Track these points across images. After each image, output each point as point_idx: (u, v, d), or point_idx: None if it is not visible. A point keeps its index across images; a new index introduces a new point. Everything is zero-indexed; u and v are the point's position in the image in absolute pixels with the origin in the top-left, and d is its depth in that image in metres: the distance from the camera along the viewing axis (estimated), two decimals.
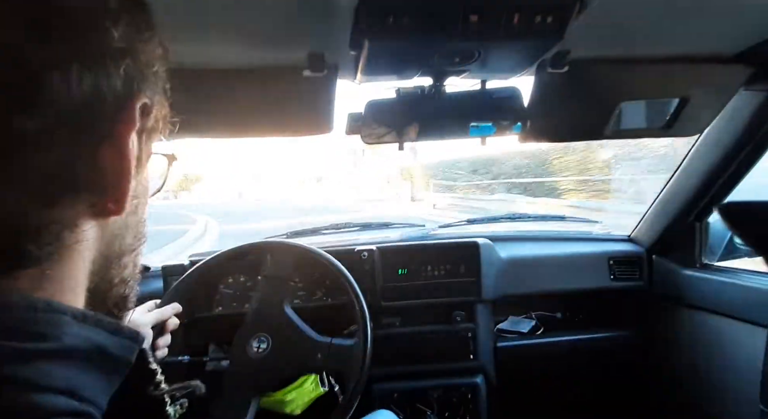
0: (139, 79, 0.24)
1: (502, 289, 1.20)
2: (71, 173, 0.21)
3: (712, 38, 0.69)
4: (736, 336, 0.98)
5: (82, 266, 0.24)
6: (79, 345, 0.22)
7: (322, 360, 0.88)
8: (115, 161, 0.23)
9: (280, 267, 0.98)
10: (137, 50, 0.23)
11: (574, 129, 0.86)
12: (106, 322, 0.24)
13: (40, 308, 0.21)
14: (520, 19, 0.54)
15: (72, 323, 0.22)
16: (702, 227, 1.11)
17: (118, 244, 0.27)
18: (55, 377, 0.20)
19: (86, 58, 0.21)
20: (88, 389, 0.22)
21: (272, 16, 0.57)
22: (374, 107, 0.73)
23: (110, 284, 0.27)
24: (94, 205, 0.23)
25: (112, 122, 0.23)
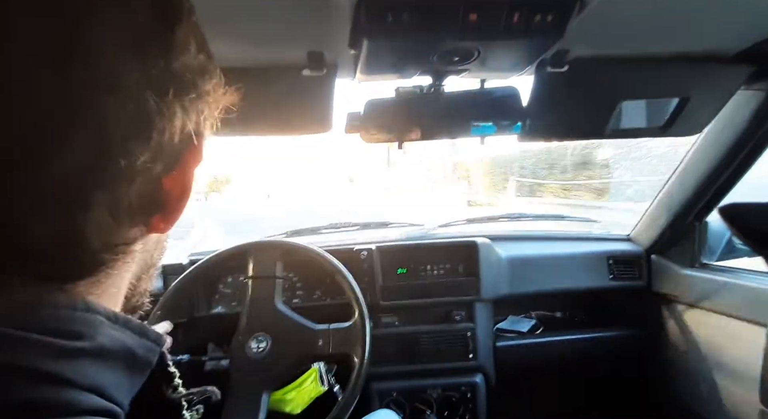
0: (207, 118, 0.27)
1: (502, 288, 1.20)
2: (145, 201, 0.24)
3: (712, 37, 0.69)
4: (736, 335, 0.99)
5: (126, 277, 0.27)
6: (110, 346, 0.23)
7: (323, 345, 0.89)
8: (177, 187, 0.26)
9: (264, 267, 0.98)
10: (212, 98, 0.27)
11: (574, 128, 0.86)
12: (134, 324, 0.25)
13: (79, 307, 0.22)
14: (519, 17, 0.53)
15: (105, 323, 0.23)
16: (701, 227, 1.11)
17: (151, 257, 0.30)
18: (88, 375, 0.22)
19: (184, 108, 0.24)
20: (114, 388, 0.23)
21: (271, 15, 0.56)
22: (373, 105, 0.73)
23: (137, 295, 0.30)
24: (148, 224, 0.26)
25: (181, 155, 0.26)
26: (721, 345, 1.02)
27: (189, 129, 0.25)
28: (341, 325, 0.92)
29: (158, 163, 0.23)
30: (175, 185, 0.26)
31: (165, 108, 0.23)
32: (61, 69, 0.19)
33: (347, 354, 0.89)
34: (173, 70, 0.23)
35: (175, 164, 0.25)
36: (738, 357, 0.98)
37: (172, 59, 0.23)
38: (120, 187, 0.22)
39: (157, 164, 0.23)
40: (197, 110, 0.25)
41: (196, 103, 0.25)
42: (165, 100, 0.23)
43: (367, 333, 0.90)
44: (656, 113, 0.84)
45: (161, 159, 0.24)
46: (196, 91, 0.25)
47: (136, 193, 0.23)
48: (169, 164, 0.25)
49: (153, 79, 0.22)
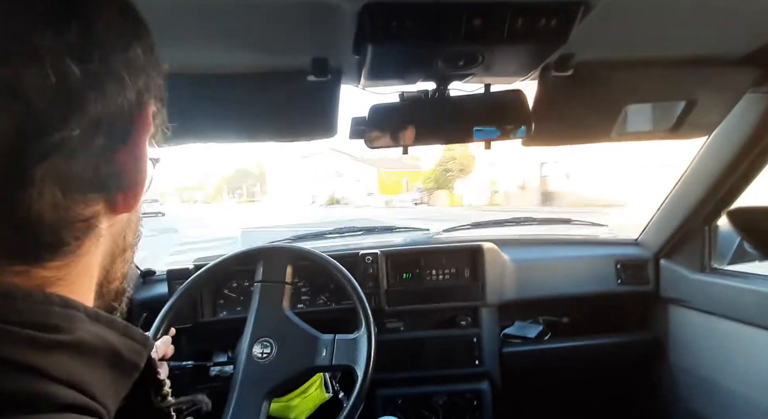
0: (149, 88, 0.26)
1: (508, 293, 1.19)
2: (97, 174, 0.24)
3: (719, 40, 0.69)
4: (746, 341, 0.97)
5: (95, 260, 0.26)
6: (92, 342, 0.23)
7: (328, 356, 0.88)
8: (131, 162, 0.26)
9: (274, 272, 0.98)
10: (147, 63, 0.26)
11: (580, 132, 0.86)
12: (117, 323, 0.25)
13: (56, 302, 0.22)
14: (523, 22, 0.54)
15: (85, 320, 0.23)
16: (711, 231, 1.09)
17: (122, 240, 0.29)
18: (68, 369, 0.21)
19: (117, 76, 0.23)
20: (97, 387, 0.22)
21: (276, 21, 0.57)
22: (378, 111, 0.73)
23: (113, 278, 0.29)
24: (111, 203, 0.25)
25: (129, 128, 0.25)
26: (732, 351, 1.01)
27: (129, 99, 0.24)
28: (347, 336, 0.90)
29: (98, 136, 0.23)
30: (129, 159, 0.25)
31: (91, 77, 0.22)
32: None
33: (349, 366, 0.88)
34: (93, 35, 0.22)
35: (123, 137, 0.25)
36: (749, 364, 0.96)
37: (90, 23, 0.22)
38: (61, 162, 0.22)
39: (97, 136, 0.23)
40: (134, 76, 0.25)
41: (131, 72, 0.24)
42: (90, 66, 0.22)
43: (372, 346, 0.88)
44: (663, 116, 0.83)
45: (102, 131, 0.23)
46: (126, 57, 0.24)
47: (81, 167, 0.23)
48: (115, 136, 0.24)
49: (72, 45, 0.21)
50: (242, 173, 49.13)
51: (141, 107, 0.26)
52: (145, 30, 0.27)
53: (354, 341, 0.89)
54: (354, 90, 0.79)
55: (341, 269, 0.96)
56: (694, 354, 1.12)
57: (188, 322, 1.10)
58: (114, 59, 0.23)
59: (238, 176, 49.50)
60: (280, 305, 0.94)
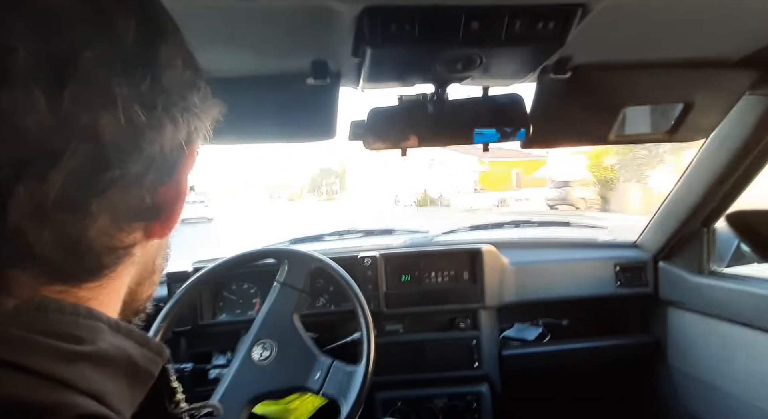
0: (198, 131, 0.29)
1: (507, 296, 1.19)
2: (143, 206, 0.26)
3: (717, 42, 0.69)
4: (745, 343, 0.97)
5: (126, 282, 0.28)
6: (112, 353, 0.24)
7: (320, 381, 0.86)
8: (173, 195, 0.28)
9: (296, 277, 0.97)
10: (201, 111, 0.29)
11: (578, 135, 0.86)
12: (137, 334, 0.26)
13: (82, 313, 0.23)
14: (521, 25, 0.54)
15: (107, 331, 0.24)
16: (709, 233, 1.09)
17: (152, 263, 0.31)
18: (88, 379, 0.22)
19: (173, 121, 0.26)
20: (114, 396, 0.23)
21: (275, 24, 0.57)
22: (377, 113, 0.74)
23: (138, 300, 0.31)
24: (148, 230, 0.27)
25: (176, 165, 0.27)
26: (731, 354, 1.00)
27: (180, 140, 0.26)
28: (345, 367, 0.88)
29: (151, 172, 0.25)
30: (170, 192, 0.27)
31: (154, 121, 0.24)
32: (56, 89, 0.21)
33: (337, 400, 0.85)
34: (160, 85, 0.25)
35: (170, 173, 0.27)
36: (748, 366, 0.96)
37: (159, 76, 0.25)
38: (116, 195, 0.24)
39: (150, 172, 0.25)
40: (187, 121, 0.27)
41: (185, 115, 0.27)
42: (153, 113, 0.24)
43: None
44: (661, 119, 0.84)
45: (154, 168, 0.25)
46: (184, 104, 0.27)
47: (132, 200, 0.25)
48: (164, 172, 0.26)
49: (141, 94, 0.23)
50: (325, 172, 49.53)
51: (189, 145, 0.28)
52: (202, 80, 0.29)
53: (350, 374, 0.86)
54: (353, 93, 0.80)
55: (356, 291, 0.94)
56: (693, 357, 1.12)
57: (188, 325, 1.10)
58: (174, 105, 0.26)
59: (321, 174, 50.01)
60: (291, 312, 0.93)
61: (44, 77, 0.21)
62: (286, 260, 0.99)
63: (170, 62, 0.26)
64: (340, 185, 41.75)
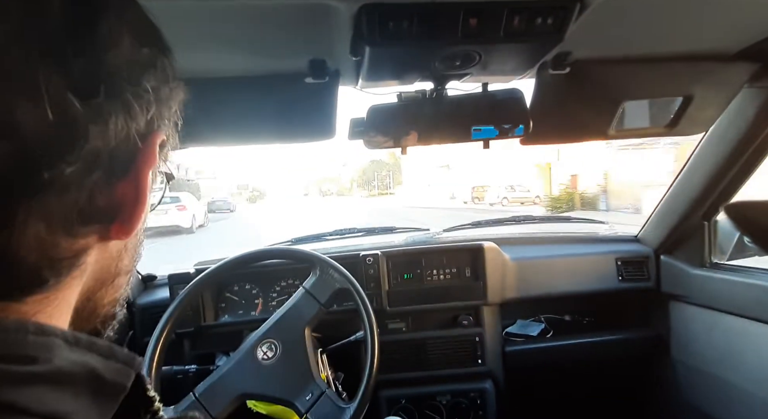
0: (158, 117, 0.25)
1: (509, 292, 1.19)
2: (92, 207, 0.23)
3: (715, 36, 0.69)
4: (748, 335, 0.97)
5: (77, 289, 0.25)
6: (71, 369, 0.21)
7: (307, 405, 0.83)
8: (131, 193, 0.24)
9: (322, 290, 0.94)
10: (159, 92, 0.25)
11: (577, 130, 0.86)
12: (100, 345, 0.23)
13: (30, 330, 0.20)
14: (520, 21, 0.54)
15: (63, 346, 0.21)
16: (710, 226, 1.09)
17: (115, 266, 0.27)
18: (45, 402, 0.20)
19: (123, 110, 0.22)
20: (79, 415, 0.21)
21: (273, 24, 0.57)
22: (376, 112, 0.74)
23: (99, 303, 0.28)
24: (103, 233, 0.24)
25: (131, 160, 0.24)
26: (733, 346, 1.01)
27: (133, 130, 0.23)
28: (337, 401, 0.84)
29: (96, 170, 0.22)
30: (129, 190, 0.24)
31: (95, 111, 0.21)
32: None
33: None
34: (102, 68, 0.21)
35: (126, 169, 0.24)
36: (751, 358, 0.96)
37: (99, 56, 0.21)
38: (49, 200, 0.20)
39: (95, 171, 0.22)
40: (144, 109, 0.23)
41: (141, 102, 0.23)
42: (94, 101, 0.21)
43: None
44: (660, 113, 0.84)
45: (100, 165, 0.22)
46: (139, 89, 0.23)
47: (73, 203, 0.21)
48: (117, 169, 0.23)
49: (75, 79, 0.20)
50: (376, 164, 46.69)
51: (148, 137, 0.25)
52: (164, 57, 0.26)
53: (339, 410, 0.83)
54: (352, 91, 0.80)
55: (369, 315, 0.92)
56: (696, 350, 1.12)
57: (190, 326, 1.10)
58: (123, 92, 0.22)
59: (372, 166, 47.24)
60: (306, 323, 0.91)
61: None
62: (319, 269, 0.96)
63: (114, 40, 0.22)
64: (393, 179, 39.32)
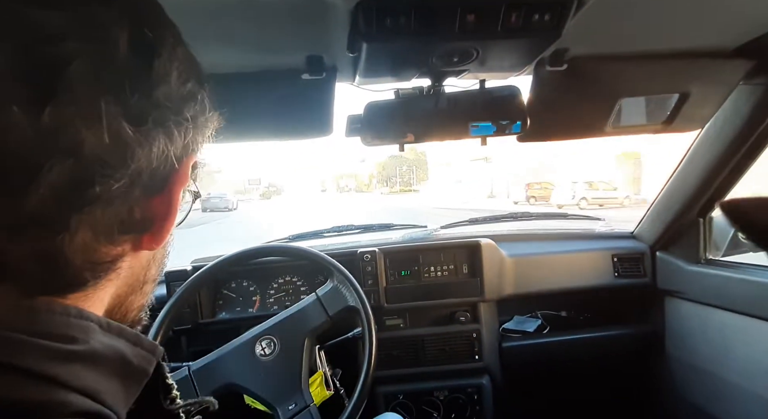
0: (193, 142, 0.28)
1: (506, 288, 1.20)
2: (130, 219, 0.25)
3: (711, 32, 0.69)
4: (743, 331, 0.98)
5: (111, 292, 0.28)
6: (104, 352, 0.24)
7: (291, 413, 0.82)
8: (163, 208, 0.27)
9: (335, 303, 0.92)
10: (197, 120, 0.28)
11: (574, 127, 0.86)
12: (128, 332, 0.26)
13: (72, 314, 0.24)
14: (517, 17, 0.54)
15: (98, 330, 0.24)
16: (705, 223, 1.10)
17: (144, 274, 0.30)
18: (81, 378, 0.22)
19: (165, 135, 0.25)
20: (108, 394, 0.24)
21: (270, 20, 0.57)
22: (373, 108, 0.73)
23: (129, 308, 0.30)
24: (136, 242, 0.27)
25: (167, 178, 0.27)
26: (728, 341, 1.02)
27: (172, 154, 0.26)
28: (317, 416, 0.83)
29: (138, 186, 0.24)
30: (161, 206, 0.27)
31: (143, 136, 0.23)
32: (37, 105, 0.20)
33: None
34: (152, 101, 0.24)
35: (162, 187, 0.27)
36: (745, 353, 0.97)
37: (151, 91, 0.24)
38: (97, 210, 0.23)
39: (137, 187, 0.24)
40: (182, 135, 0.26)
41: (181, 130, 0.26)
42: (143, 128, 0.23)
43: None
44: (657, 109, 0.84)
45: (141, 183, 0.24)
46: (180, 118, 0.26)
47: (116, 215, 0.24)
48: (154, 186, 0.26)
49: (130, 110, 0.23)
50: (396, 160, 45.12)
51: (183, 160, 0.27)
52: (203, 90, 0.29)
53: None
54: (349, 88, 0.79)
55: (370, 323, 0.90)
56: (691, 345, 1.13)
57: (188, 323, 1.10)
58: (167, 120, 0.25)
59: (391, 162, 45.63)
60: (308, 332, 0.91)
61: (25, 93, 0.20)
62: (336, 281, 0.94)
63: (164, 77, 0.25)
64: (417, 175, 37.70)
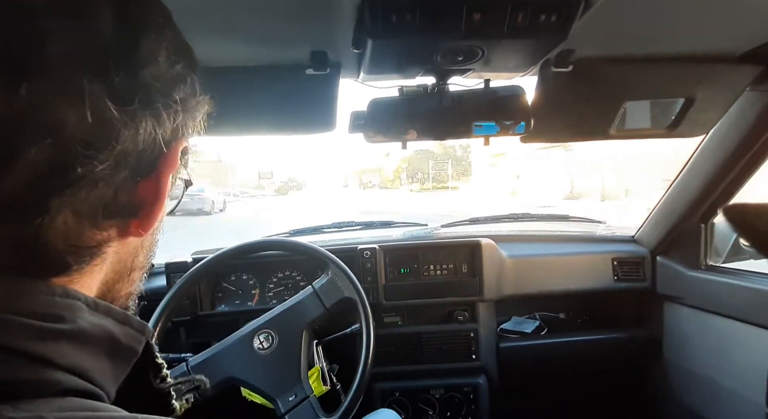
0: (183, 126, 0.27)
1: (505, 289, 1.20)
2: (117, 203, 0.25)
3: (718, 38, 0.69)
4: (741, 338, 0.98)
5: (98, 277, 0.27)
6: (92, 331, 0.24)
7: (288, 406, 0.83)
8: (151, 193, 0.27)
9: (331, 294, 0.93)
10: (187, 103, 0.27)
11: (578, 129, 0.86)
12: (116, 312, 0.26)
13: (58, 293, 0.23)
14: (524, 17, 0.53)
15: (85, 309, 0.24)
16: (707, 228, 1.10)
17: (131, 261, 0.30)
18: (69, 356, 0.22)
19: (153, 117, 0.24)
20: (97, 372, 0.24)
21: (275, 14, 0.57)
22: (377, 105, 0.73)
23: (117, 296, 0.30)
24: (123, 228, 0.26)
25: (155, 162, 0.26)
26: (727, 348, 1.02)
27: (160, 137, 0.25)
28: (318, 412, 0.84)
29: (123, 169, 0.24)
30: (150, 190, 0.26)
31: (129, 117, 0.23)
32: (13, 78, 0.20)
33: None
34: (139, 81, 0.24)
35: (150, 171, 0.26)
36: (743, 360, 0.97)
37: (137, 70, 0.24)
38: (80, 193, 0.23)
39: (122, 170, 0.24)
40: (171, 118, 0.26)
41: (169, 112, 0.25)
42: (129, 109, 0.23)
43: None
44: (661, 114, 0.84)
45: (127, 165, 0.24)
46: (169, 100, 0.25)
47: (100, 198, 0.24)
48: (141, 170, 0.25)
49: (114, 89, 0.22)
50: (423, 154, 40.47)
51: (172, 144, 0.27)
52: (193, 73, 0.28)
53: None
54: (353, 84, 0.79)
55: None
56: (688, 351, 1.13)
57: (187, 315, 1.11)
58: (154, 102, 0.24)
59: (418, 157, 40.93)
60: (306, 324, 0.91)
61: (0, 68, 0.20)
62: (331, 273, 0.95)
63: (152, 57, 0.24)
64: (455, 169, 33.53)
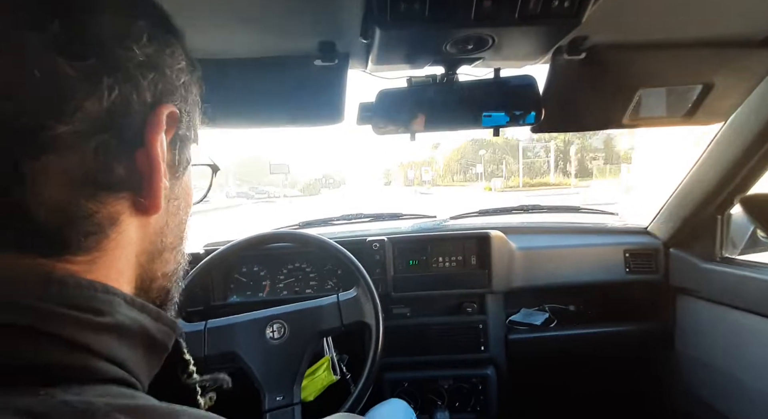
0: (165, 90, 0.27)
1: (514, 281, 1.19)
2: (110, 174, 0.25)
3: (739, 21, 0.66)
4: (756, 331, 0.96)
5: (127, 258, 0.28)
6: (129, 325, 0.25)
7: (274, 405, 0.83)
8: (146, 162, 0.26)
9: (352, 312, 0.90)
10: (163, 64, 0.27)
11: (591, 118, 0.84)
12: (150, 308, 0.27)
13: (99, 289, 0.24)
14: (536, 3, 0.52)
15: (123, 305, 0.25)
16: (723, 220, 1.07)
17: (159, 241, 0.30)
18: (110, 347, 0.24)
19: (114, 72, 0.23)
20: (133, 364, 0.25)
21: (283, 5, 0.56)
22: (386, 96, 0.73)
23: (154, 276, 0.31)
24: (134, 203, 0.27)
25: (141, 129, 0.26)
26: (741, 341, 1.00)
27: (135, 99, 0.24)
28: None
29: (98, 134, 0.23)
30: (144, 159, 0.26)
31: (85, 74, 0.22)
32: None
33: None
34: (90, 34, 0.23)
35: (137, 138, 0.26)
36: (756, 353, 0.96)
37: (84, 23, 0.23)
38: (55, 158, 0.22)
39: (96, 134, 0.23)
40: (143, 78, 0.25)
41: (143, 72, 0.25)
42: (84, 64, 0.22)
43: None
44: (678, 101, 0.81)
45: (102, 130, 0.23)
46: (129, 54, 0.24)
47: (78, 165, 0.23)
48: (128, 138, 0.25)
49: (60, 42, 0.21)
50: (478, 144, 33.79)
51: (155, 108, 0.26)
52: (165, 28, 0.27)
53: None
54: (361, 75, 0.79)
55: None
56: (702, 343, 1.12)
57: (200, 305, 1.13)
58: (117, 59, 0.24)
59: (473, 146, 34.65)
60: (319, 332, 0.90)
61: None
62: (360, 290, 0.92)
63: (100, 9, 0.23)
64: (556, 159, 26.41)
